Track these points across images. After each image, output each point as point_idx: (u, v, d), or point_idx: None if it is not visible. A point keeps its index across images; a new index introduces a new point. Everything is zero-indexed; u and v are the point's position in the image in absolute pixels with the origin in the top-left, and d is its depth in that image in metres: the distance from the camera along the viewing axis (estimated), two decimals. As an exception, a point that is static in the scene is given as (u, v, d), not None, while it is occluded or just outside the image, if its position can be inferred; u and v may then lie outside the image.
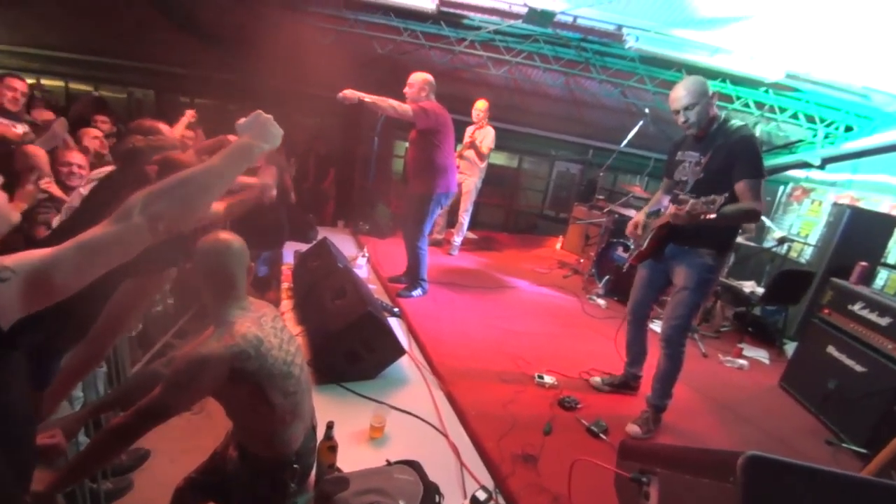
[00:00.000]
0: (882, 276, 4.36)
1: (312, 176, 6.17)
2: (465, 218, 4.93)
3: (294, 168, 5.40)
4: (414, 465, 1.68)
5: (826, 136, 5.31)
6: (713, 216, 1.82)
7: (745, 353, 3.52)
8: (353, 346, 2.23)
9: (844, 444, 2.47)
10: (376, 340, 2.26)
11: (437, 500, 1.60)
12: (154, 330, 2.97)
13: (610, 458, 1.74)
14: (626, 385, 2.58)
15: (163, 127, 2.32)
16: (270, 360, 1.27)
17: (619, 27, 4.42)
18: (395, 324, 2.96)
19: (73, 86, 6.57)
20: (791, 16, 3.55)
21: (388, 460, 1.71)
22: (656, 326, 3.16)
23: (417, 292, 3.51)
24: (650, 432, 2.21)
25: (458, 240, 5.02)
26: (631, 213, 4.40)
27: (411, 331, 2.97)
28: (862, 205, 4.72)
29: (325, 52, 5.13)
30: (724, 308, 4.02)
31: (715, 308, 4.02)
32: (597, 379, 2.64)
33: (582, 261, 5.13)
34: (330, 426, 1.63)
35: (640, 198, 4.79)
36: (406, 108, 3.09)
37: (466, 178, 4.77)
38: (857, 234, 3.84)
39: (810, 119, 5.26)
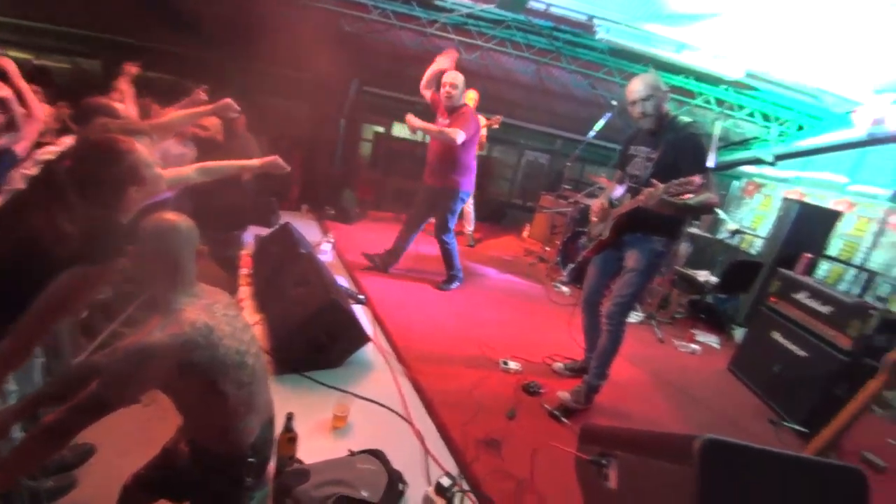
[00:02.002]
0: (824, 268, 4.67)
1: (283, 159, 5.93)
2: (470, 206, 5.08)
3: (263, 150, 5.18)
4: (377, 454, 1.66)
5: (779, 135, 5.58)
6: (689, 196, 1.87)
7: (697, 338, 3.70)
8: (315, 335, 2.16)
9: (786, 424, 2.64)
10: (340, 329, 2.20)
11: (400, 487, 1.59)
12: (100, 317, 2.78)
13: (572, 441, 1.77)
14: (585, 370, 2.63)
15: (118, 106, 2.14)
16: (222, 349, 1.19)
17: (591, 18, 4.44)
18: (360, 311, 2.90)
19: (13, 53, 5.98)
20: (754, 16, 3.67)
21: (350, 450, 1.67)
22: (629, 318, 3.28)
23: (455, 284, 3.70)
24: (580, 403, 2.29)
25: (470, 228, 5.21)
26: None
27: (377, 318, 2.92)
28: (809, 200, 5.00)
29: (288, 28, 4.89)
30: (680, 296, 4.19)
31: (671, 296, 4.19)
32: (559, 364, 2.70)
33: (548, 249, 5.21)
34: (289, 417, 1.57)
35: (605, 189, 4.89)
36: (453, 136, 3.21)
37: None
38: (803, 228, 4.07)
39: (766, 117, 5.50)
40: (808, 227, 4.07)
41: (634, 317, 3.87)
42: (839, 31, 3.52)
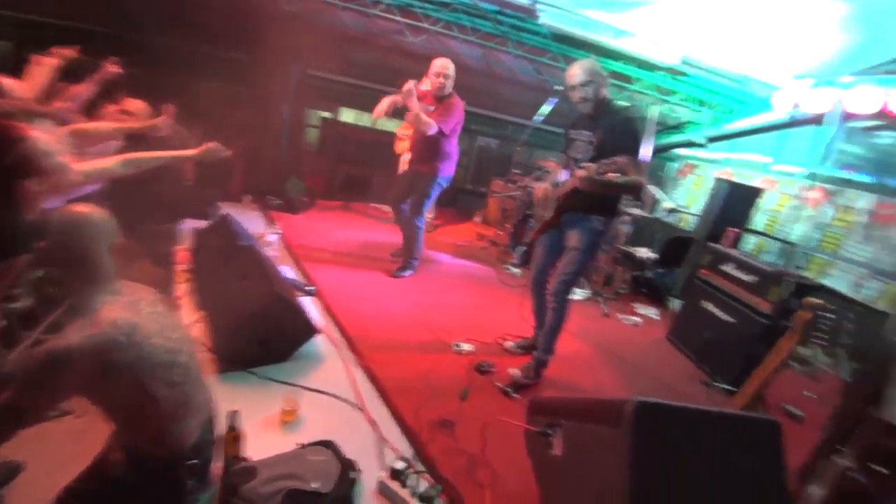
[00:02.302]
0: (751, 241, 5.06)
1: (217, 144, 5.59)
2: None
3: (199, 138, 4.86)
4: (328, 445, 1.64)
5: (711, 118, 5.93)
6: (614, 175, 1.96)
7: (638, 311, 3.92)
8: (260, 330, 2.08)
9: (716, 384, 2.86)
10: (286, 322, 2.14)
11: (353, 475, 1.58)
12: (20, 325, 2.52)
13: (522, 415, 1.83)
14: (535, 347, 2.73)
15: (11, 85, 1.92)
16: (149, 348, 1.12)
17: (534, 2, 4.48)
18: (309, 302, 2.83)
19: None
20: (687, 4, 3.86)
21: (299, 443, 1.64)
22: (574, 295, 3.41)
23: (408, 272, 3.65)
24: (530, 378, 2.39)
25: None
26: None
27: (327, 309, 2.86)
28: (737, 179, 5.38)
29: (223, 6, 4.58)
30: (623, 272, 4.41)
31: (614, 272, 4.40)
32: (510, 343, 2.77)
33: (500, 233, 5.29)
34: (232, 415, 1.51)
35: (551, 172, 5.03)
36: (425, 126, 3.18)
37: None
38: (731, 205, 4.38)
39: (698, 102, 5.83)
40: (735, 204, 4.39)
41: (581, 294, 4.04)
42: (762, 20, 3.78)
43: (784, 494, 1.15)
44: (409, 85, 3.04)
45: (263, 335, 2.08)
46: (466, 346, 2.63)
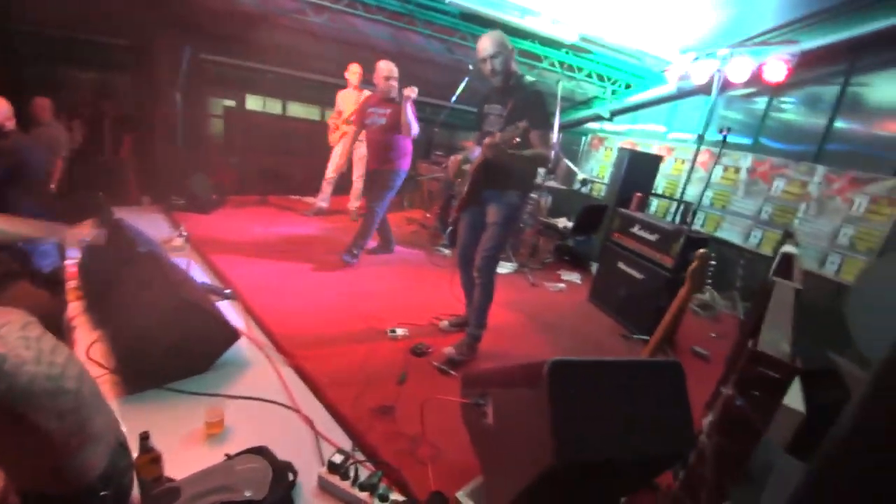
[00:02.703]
0: (655, 204, 5.54)
1: (109, 146, 4.96)
2: (360, 182, 4.99)
3: (80, 136, 4.27)
4: (260, 451, 1.56)
5: (613, 93, 6.33)
6: (518, 140, 2.02)
7: (563, 278, 4.15)
8: (171, 341, 1.90)
9: (635, 336, 3.14)
10: (201, 329, 1.98)
11: (290, 477, 1.53)
12: None
13: (459, 392, 1.87)
14: (468, 323, 2.80)
15: None
16: (25, 377, 0.98)
17: (437, -21, 4.44)
18: (228, 306, 2.65)
19: None
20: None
21: (226, 454, 1.54)
22: (502, 269, 3.51)
23: (355, 261, 3.73)
24: (464, 354, 2.45)
25: (356, 204, 5.08)
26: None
27: (249, 311, 2.70)
28: (639, 149, 5.83)
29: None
30: (547, 243, 4.64)
31: (539, 244, 4.61)
32: (444, 322, 2.82)
33: (427, 215, 5.30)
34: (144, 437, 1.38)
35: (467, 150, 5.11)
36: (412, 130, 3.51)
37: (359, 144, 4.76)
38: (635, 172, 4.75)
39: (601, 78, 6.18)
40: (638, 171, 4.77)
41: (509, 267, 4.19)
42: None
43: (687, 425, 1.29)
44: (411, 91, 3.36)
45: (175, 347, 1.91)
46: (401, 331, 2.62)
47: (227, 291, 2.82)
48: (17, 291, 2.31)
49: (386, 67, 3.58)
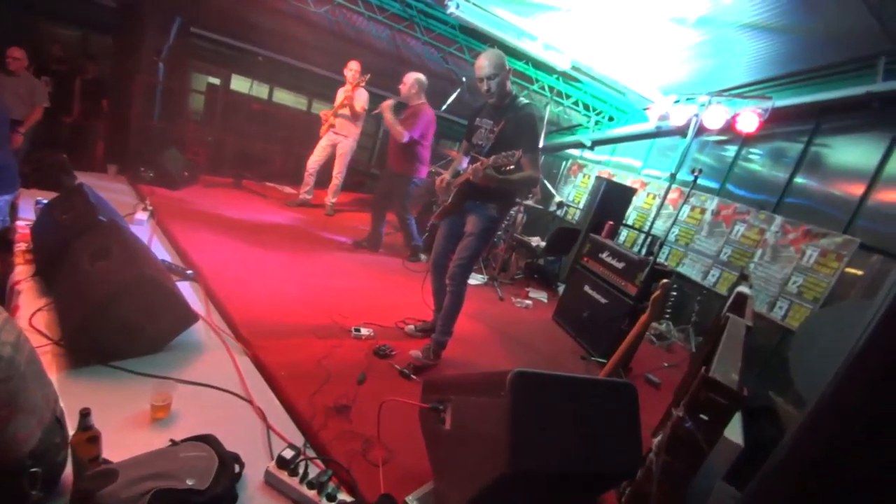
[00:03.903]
0: (625, 233, 5.75)
1: (78, 107, 4.72)
2: (339, 178, 4.99)
3: (47, 92, 4.05)
4: (206, 439, 1.50)
5: (596, 123, 6.56)
6: (511, 167, 2.07)
7: (530, 295, 4.23)
8: (124, 316, 1.82)
9: (593, 358, 3.22)
10: (157, 307, 1.89)
11: (236, 469, 1.48)
12: None
13: (419, 396, 1.87)
14: (435, 329, 2.81)
15: None
16: None
17: (443, -9, 4.50)
18: (188, 287, 2.55)
19: None
20: (583, 15, 4.19)
21: (171, 440, 1.48)
22: (473, 280, 3.54)
23: (424, 256, 4.27)
24: (429, 359, 2.47)
25: (332, 200, 5.08)
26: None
27: (210, 294, 2.61)
28: (615, 179, 6.05)
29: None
30: (518, 259, 4.72)
31: (511, 259, 4.69)
32: (410, 326, 2.81)
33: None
34: (84, 413, 1.31)
35: (453, 160, 5.16)
36: (400, 135, 3.72)
37: (342, 140, 4.82)
38: (609, 201, 4.92)
39: (586, 107, 6.40)
40: (612, 201, 4.94)
41: (479, 279, 4.23)
42: (640, 38, 4.26)
43: (637, 445, 1.34)
44: (387, 103, 3.65)
45: (128, 323, 1.82)
46: (366, 331, 2.60)
47: (189, 272, 2.72)
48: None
49: (411, 77, 3.89)
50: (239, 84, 5.77)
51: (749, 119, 4.28)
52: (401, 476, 1.67)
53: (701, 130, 4.86)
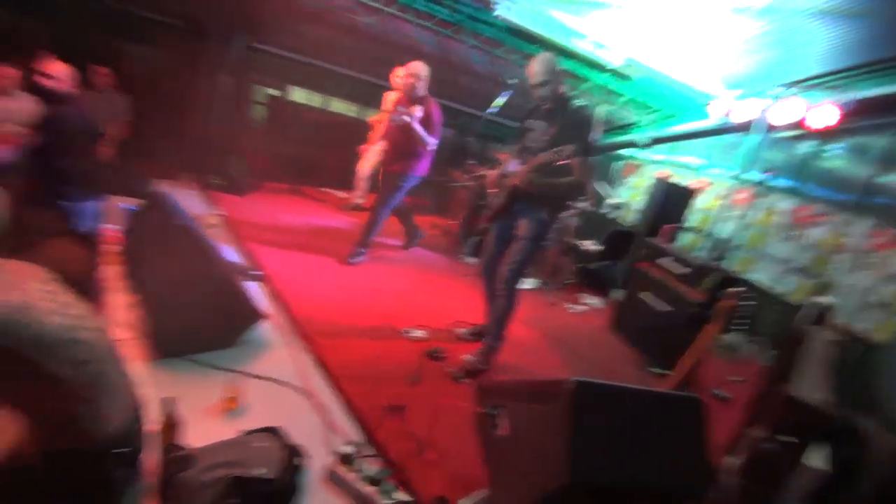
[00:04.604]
0: (685, 237, 5.45)
1: (154, 120, 5.17)
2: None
3: (128, 106, 4.46)
4: (273, 431, 1.59)
5: (651, 121, 6.28)
6: (562, 162, 2.03)
7: (584, 300, 4.11)
8: (200, 314, 1.97)
9: (653, 369, 3.08)
10: (229, 306, 2.04)
11: (300, 461, 1.55)
12: None
13: (472, 400, 1.87)
14: (486, 333, 2.79)
15: None
16: (43, 327, 1.03)
17: (491, -6, 4.49)
18: (255, 287, 2.71)
19: None
20: (636, 10, 4.04)
21: (241, 430, 1.58)
22: (523, 284, 3.50)
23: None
24: (482, 364, 2.45)
25: (360, 201, 5.09)
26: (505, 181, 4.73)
27: (275, 294, 2.76)
28: (674, 180, 5.75)
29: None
30: (570, 263, 4.60)
31: (562, 263, 4.58)
32: (462, 330, 2.82)
33: (453, 222, 5.33)
34: (167, 402, 1.43)
35: (503, 162, 5.13)
36: (428, 142, 3.55)
37: None
38: (668, 203, 4.69)
39: (641, 105, 6.14)
40: (672, 203, 4.70)
41: (530, 283, 4.17)
42: (699, 30, 4.04)
43: (705, 462, 1.26)
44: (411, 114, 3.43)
45: (204, 320, 1.97)
46: (418, 333, 2.64)
47: (256, 273, 2.89)
48: (52, 248, 2.42)
49: (409, 66, 3.53)
50: (297, 94, 6.08)
51: (827, 112, 3.92)
52: (454, 479, 1.68)
53: (771, 126, 4.51)
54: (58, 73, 2.46)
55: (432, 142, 3.52)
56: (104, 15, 4.65)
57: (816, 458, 1.49)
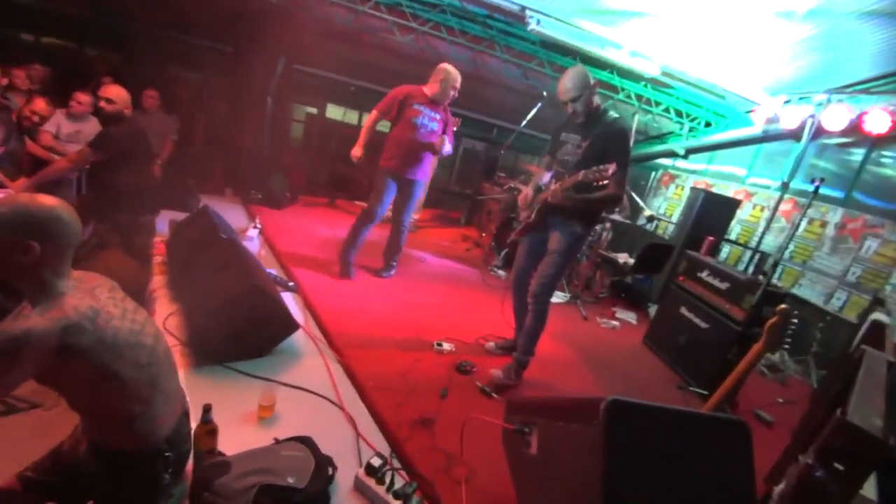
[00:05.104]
0: (727, 250, 5.21)
1: (199, 138, 5.49)
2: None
3: (176, 126, 4.75)
4: (305, 441, 1.62)
5: (690, 130, 6.09)
6: (605, 182, 2.00)
7: (617, 315, 3.99)
8: (238, 323, 2.04)
9: (691, 388, 2.93)
10: (264, 316, 2.10)
11: (330, 472, 1.57)
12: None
13: (501, 415, 1.84)
14: (516, 348, 2.76)
15: None
16: (110, 330, 1.10)
17: (523, 9, 4.53)
18: (290, 298, 2.80)
19: None
20: (671, 18, 3.96)
21: (275, 439, 1.62)
22: (555, 298, 3.44)
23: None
24: (511, 379, 2.40)
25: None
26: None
27: (308, 305, 2.83)
28: (714, 190, 5.54)
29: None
30: (603, 277, 4.49)
31: (595, 277, 4.47)
32: (491, 343, 2.79)
33: (484, 235, 5.32)
34: (206, 409, 1.48)
35: (534, 175, 5.10)
36: (448, 149, 3.49)
37: None
38: (708, 215, 4.51)
39: (679, 114, 5.98)
40: (712, 214, 4.52)
41: (561, 297, 4.09)
42: (740, 37, 3.91)
43: (750, 490, 1.18)
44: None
45: (241, 329, 2.04)
46: (447, 346, 2.64)
47: (291, 284, 2.98)
48: (110, 260, 2.58)
49: (453, 75, 3.48)
50: (333, 112, 6.30)
51: (880, 118, 3.69)
52: (482, 495, 1.65)
53: (819, 133, 4.28)
54: (114, 96, 2.65)
55: (451, 149, 3.48)
56: (159, 44, 5.01)
57: (870, 489, 1.37)
